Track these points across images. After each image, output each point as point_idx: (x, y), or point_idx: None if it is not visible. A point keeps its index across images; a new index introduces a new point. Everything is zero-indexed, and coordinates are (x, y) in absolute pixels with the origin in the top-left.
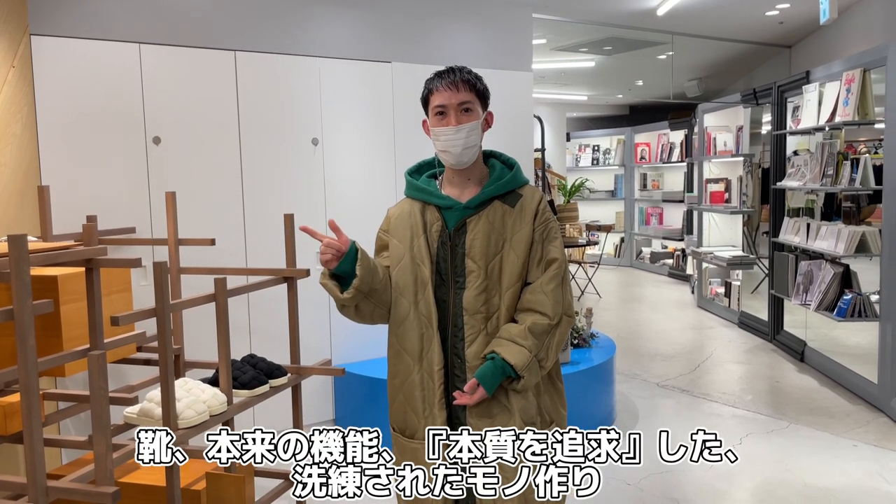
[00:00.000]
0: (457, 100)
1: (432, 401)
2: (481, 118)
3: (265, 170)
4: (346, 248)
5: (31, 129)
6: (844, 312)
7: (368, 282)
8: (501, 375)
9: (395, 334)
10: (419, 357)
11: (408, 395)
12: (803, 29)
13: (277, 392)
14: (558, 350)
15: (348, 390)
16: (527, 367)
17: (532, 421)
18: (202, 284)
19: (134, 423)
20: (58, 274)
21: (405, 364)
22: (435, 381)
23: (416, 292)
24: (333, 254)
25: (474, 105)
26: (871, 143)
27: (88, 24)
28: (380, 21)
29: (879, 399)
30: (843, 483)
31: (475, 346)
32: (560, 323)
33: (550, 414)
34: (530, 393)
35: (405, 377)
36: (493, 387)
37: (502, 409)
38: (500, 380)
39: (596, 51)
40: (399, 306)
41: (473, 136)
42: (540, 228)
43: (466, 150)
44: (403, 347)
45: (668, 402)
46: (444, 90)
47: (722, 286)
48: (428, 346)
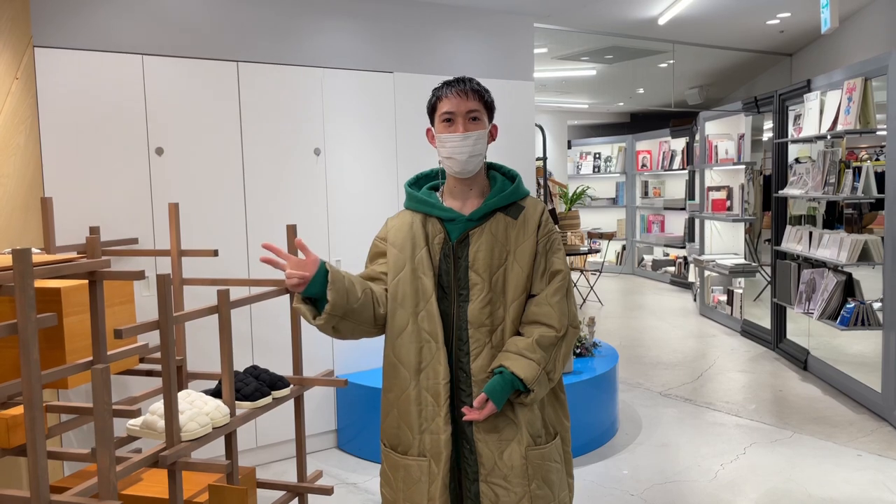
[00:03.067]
0: (465, 107)
1: (436, 416)
2: (487, 129)
3: (268, 180)
4: (313, 269)
5: (35, 141)
6: (847, 321)
7: (342, 305)
8: (511, 389)
9: (392, 346)
10: (416, 371)
11: (402, 411)
12: (804, 37)
13: (280, 403)
14: (565, 361)
15: (350, 401)
16: (536, 381)
17: (538, 434)
18: (204, 295)
19: (137, 435)
20: (61, 286)
21: (401, 378)
22: (441, 396)
23: (417, 303)
24: (299, 278)
25: (482, 115)
26: (872, 150)
27: (92, 35)
28: (382, 31)
29: (883, 408)
30: (847, 493)
31: (480, 359)
32: (566, 335)
33: (555, 426)
34: (535, 406)
35: (401, 391)
36: (502, 401)
37: (509, 423)
38: (509, 394)
39: (597, 59)
40: (397, 318)
41: (480, 144)
42: (543, 240)
43: (472, 159)
44: (399, 360)
45: (671, 411)
46: (454, 97)
47: (724, 294)
48: (429, 359)
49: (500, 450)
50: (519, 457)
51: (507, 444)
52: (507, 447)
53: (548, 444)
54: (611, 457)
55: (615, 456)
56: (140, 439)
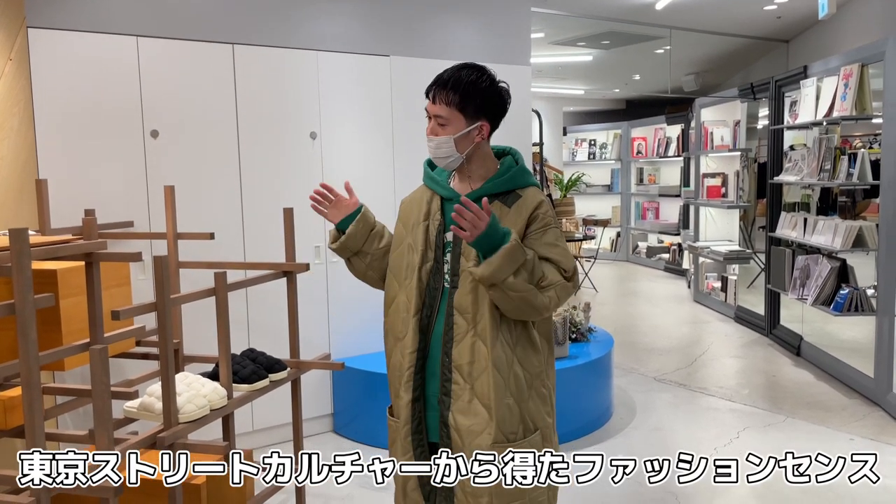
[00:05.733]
0: (432, 112)
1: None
2: (459, 133)
3: (263, 163)
4: (353, 208)
5: (29, 123)
6: (841, 307)
7: (358, 242)
8: (499, 236)
9: (386, 314)
10: (401, 338)
11: (391, 375)
12: (801, 23)
13: (277, 386)
14: (547, 299)
15: (346, 385)
16: (520, 250)
17: (513, 430)
18: (198, 278)
19: (134, 417)
20: (57, 268)
21: (390, 345)
22: (406, 363)
23: (406, 277)
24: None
25: (449, 121)
26: (866, 138)
27: (86, 16)
28: (378, 14)
29: (875, 393)
30: (840, 476)
31: (462, 345)
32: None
33: (535, 421)
34: (512, 399)
35: (390, 357)
36: (488, 236)
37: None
38: (498, 238)
39: (594, 45)
40: (390, 288)
41: (444, 148)
42: (538, 233)
43: (439, 160)
44: (390, 328)
45: (665, 396)
46: (428, 97)
47: (718, 281)
48: (406, 329)
49: (470, 440)
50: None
51: (476, 436)
52: (475, 438)
53: (524, 439)
54: (605, 441)
55: (610, 440)
56: (136, 422)
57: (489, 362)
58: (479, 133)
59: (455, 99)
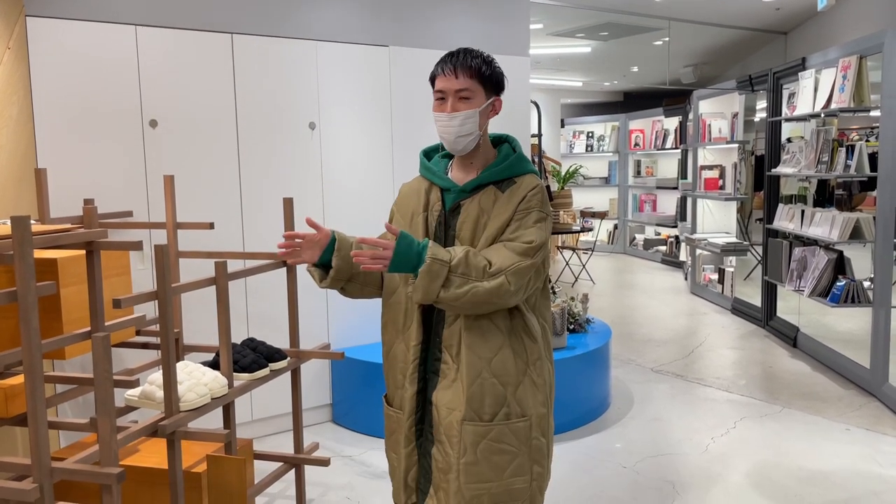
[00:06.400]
0: (454, 86)
1: (407, 373)
2: (482, 106)
3: (262, 153)
4: (326, 241)
5: (27, 112)
6: (838, 298)
7: (347, 270)
8: (416, 256)
9: (386, 305)
10: (402, 330)
11: (390, 366)
12: (800, 15)
13: (277, 376)
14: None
15: (345, 374)
16: (437, 264)
17: (483, 410)
18: (197, 268)
19: (135, 405)
20: (57, 257)
21: (390, 336)
22: (411, 355)
23: None
24: (301, 257)
25: (474, 93)
26: (863, 130)
27: (84, 5)
28: (377, 4)
29: (871, 384)
30: (836, 466)
31: (453, 327)
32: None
33: (524, 408)
34: (496, 380)
35: (390, 348)
36: (403, 258)
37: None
38: (414, 258)
39: (592, 36)
40: (391, 279)
41: (469, 124)
42: (521, 214)
43: (460, 139)
44: (391, 319)
45: (662, 386)
46: (445, 76)
47: (715, 272)
48: (410, 321)
49: (446, 415)
50: (455, 428)
51: (449, 412)
52: (449, 415)
53: (505, 422)
54: (603, 430)
55: (608, 430)
56: (136, 411)
57: (468, 342)
58: (493, 109)
59: (478, 68)
